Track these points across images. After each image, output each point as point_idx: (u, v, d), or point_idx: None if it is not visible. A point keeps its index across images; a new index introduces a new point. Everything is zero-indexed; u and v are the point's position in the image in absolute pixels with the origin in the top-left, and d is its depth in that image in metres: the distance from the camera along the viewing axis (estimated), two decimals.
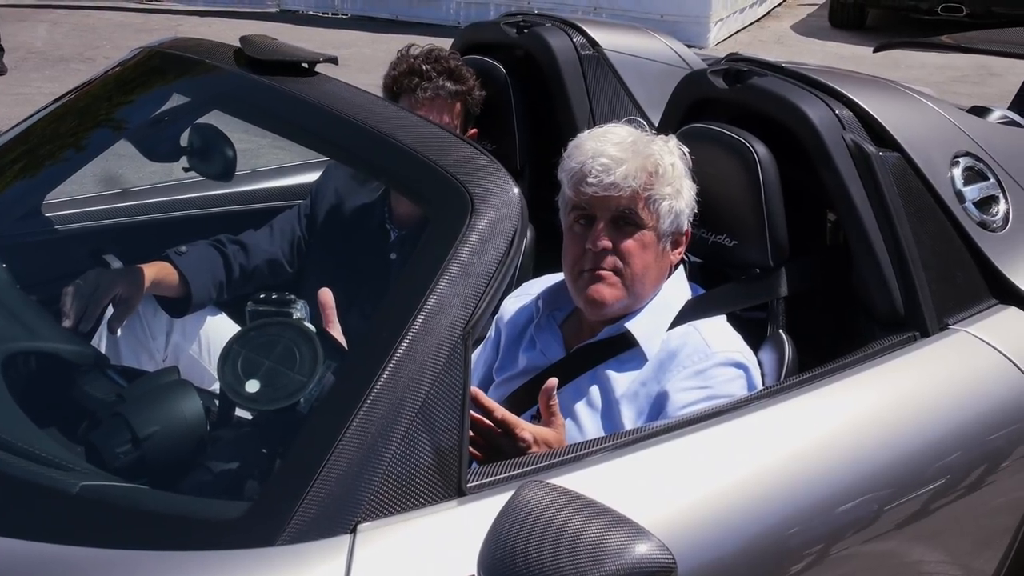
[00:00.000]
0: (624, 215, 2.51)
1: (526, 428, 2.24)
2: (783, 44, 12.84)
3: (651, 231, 2.52)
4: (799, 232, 2.70)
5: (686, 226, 2.60)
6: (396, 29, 12.38)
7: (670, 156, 2.56)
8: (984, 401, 2.53)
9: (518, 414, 2.57)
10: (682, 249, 2.63)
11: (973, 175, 2.82)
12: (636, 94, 3.64)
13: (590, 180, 2.50)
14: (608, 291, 2.52)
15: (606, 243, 2.51)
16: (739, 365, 2.48)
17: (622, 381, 2.51)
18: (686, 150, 2.62)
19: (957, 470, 2.48)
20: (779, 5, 14.81)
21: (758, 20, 13.88)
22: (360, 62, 9.07)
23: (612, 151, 2.51)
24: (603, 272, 2.52)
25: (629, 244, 2.51)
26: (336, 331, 2.36)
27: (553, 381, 2.31)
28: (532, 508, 1.68)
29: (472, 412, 2.07)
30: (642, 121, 2.65)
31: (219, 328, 3.21)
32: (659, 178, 2.51)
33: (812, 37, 13.22)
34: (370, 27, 12.91)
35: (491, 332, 2.83)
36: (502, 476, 1.95)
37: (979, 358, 2.59)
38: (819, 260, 2.79)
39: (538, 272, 3.04)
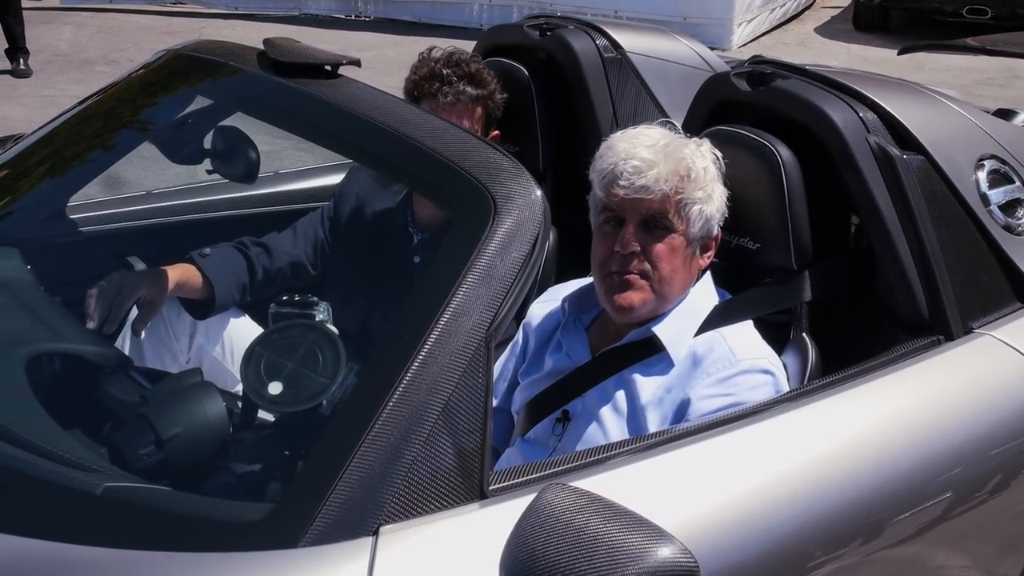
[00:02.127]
0: (654, 218, 2.49)
1: None
2: (806, 46, 12.80)
3: (680, 235, 2.50)
4: (823, 235, 2.69)
5: (716, 231, 2.58)
6: (418, 31, 12.39)
7: (702, 160, 2.54)
8: (1009, 405, 2.52)
9: (541, 417, 2.58)
10: (711, 254, 2.61)
11: (998, 178, 2.81)
12: (659, 97, 3.64)
13: (621, 182, 2.48)
14: (636, 296, 2.50)
15: (635, 246, 2.49)
16: (765, 371, 2.47)
17: (648, 387, 2.50)
18: (719, 154, 2.60)
19: (981, 474, 2.47)
20: (807, 9, 14.76)
21: (782, 23, 13.84)
22: (382, 64, 9.08)
23: (644, 153, 2.49)
24: (630, 277, 2.50)
25: (658, 248, 2.49)
26: None
27: None
28: (554, 511, 1.69)
29: None
30: (675, 123, 2.64)
31: (242, 330, 3.22)
32: (691, 182, 2.49)
33: (836, 39, 13.18)
34: (392, 29, 12.92)
35: (519, 337, 2.82)
36: (524, 479, 1.95)
37: (1004, 362, 2.58)
38: (843, 263, 2.78)
39: (560, 275, 3.04)
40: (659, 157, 2.48)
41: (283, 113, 2.53)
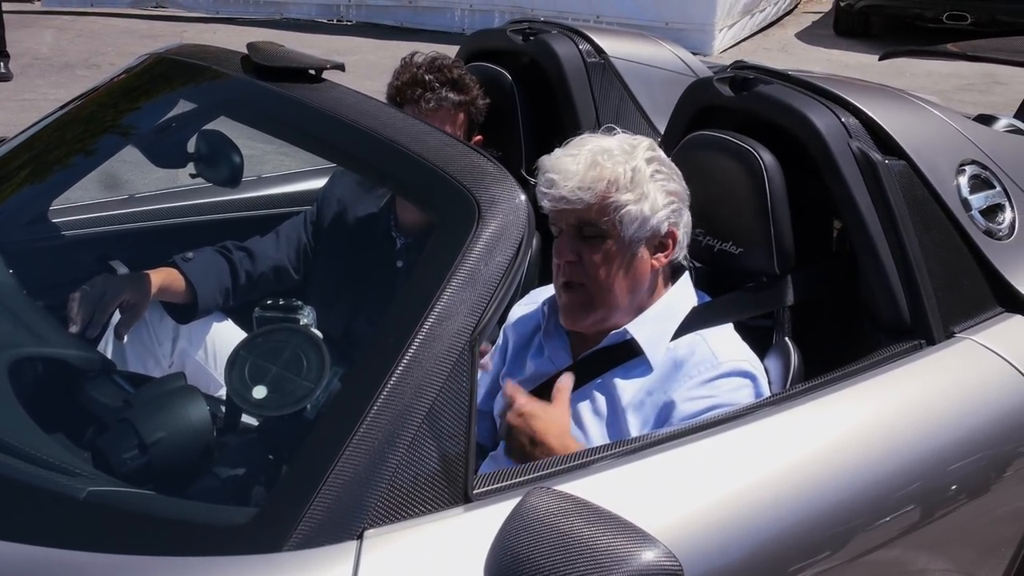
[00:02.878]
0: (584, 226, 2.51)
1: (521, 392, 2.34)
2: (788, 52, 12.84)
3: (614, 240, 2.50)
4: (805, 240, 2.70)
5: (665, 228, 2.54)
6: (400, 36, 12.39)
7: (630, 162, 2.51)
8: (990, 409, 2.53)
9: None
10: (670, 252, 2.58)
11: (979, 183, 2.83)
12: (642, 101, 3.65)
13: (544, 194, 2.51)
14: (578, 308, 2.54)
15: (568, 256, 2.52)
16: (746, 374, 2.47)
17: (628, 389, 2.50)
18: (659, 153, 2.60)
19: (962, 478, 2.48)
20: (788, 14, 14.80)
21: (763, 28, 13.87)
22: (364, 69, 9.07)
23: (566, 164, 2.50)
24: (572, 286, 2.54)
25: (592, 256, 2.51)
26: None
27: (569, 380, 2.39)
28: (539, 515, 1.69)
29: None
30: (615, 127, 2.64)
31: (225, 334, 3.22)
32: (617, 186, 2.48)
33: (817, 45, 13.21)
34: (374, 34, 12.90)
35: (499, 340, 2.83)
36: (508, 483, 1.95)
37: (985, 366, 2.59)
38: (825, 268, 2.79)
39: (544, 279, 3.05)
40: (579, 167, 2.49)
41: (267, 117, 2.53)
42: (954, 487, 2.46)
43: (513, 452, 2.34)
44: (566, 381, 2.41)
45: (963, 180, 2.79)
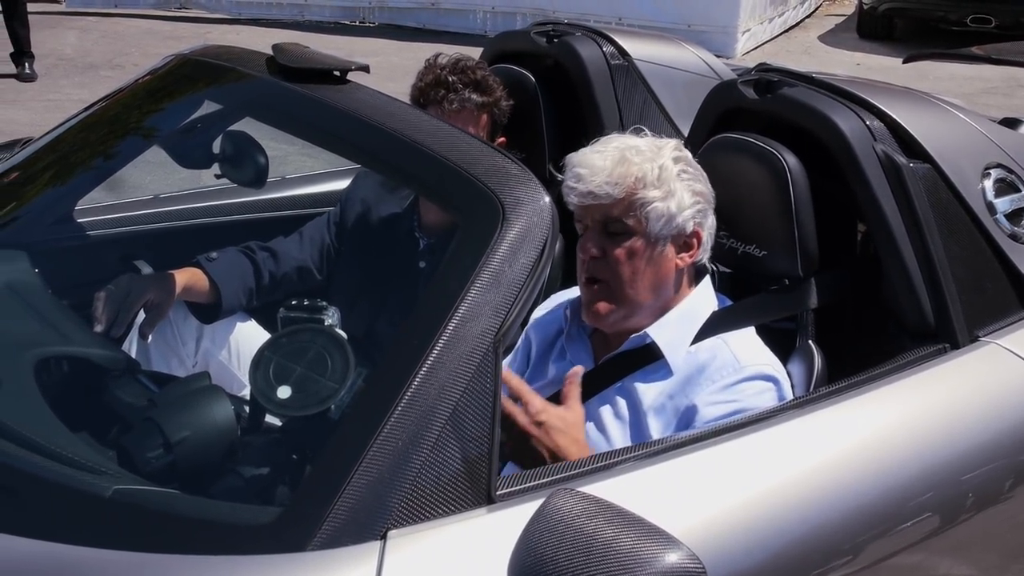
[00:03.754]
0: (609, 222, 2.51)
1: (535, 396, 2.29)
2: (811, 54, 12.82)
3: (640, 237, 2.51)
4: (829, 243, 2.69)
5: (691, 228, 2.55)
6: (423, 38, 12.42)
7: (657, 160, 2.52)
8: (1014, 413, 2.52)
9: None
10: (695, 252, 2.58)
11: (1004, 187, 2.81)
12: (665, 104, 3.65)
13: (571, 189, 2.52)
14: (601, 304, 2.54)
15: (593, 251, 2.52)
16: (769, 378, 2.47)
17: (649, 393, 2.50)
18: (686, 154, 2.61)
19: (986, 483, 2.47)
20: (809, 16, 14.77)
21: (786, 30, 13.84)
22: (387, 71, 9.08)
23: (594, 160, 2.51)
24: (596, 283, 2.54)
25: (616, 252, 2.51)
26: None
27: (579, 369, 2.38)
28: (562, 516, 1.69)
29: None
30: (644, 129, 2.64)
31: (248, 334, 3.23)
32: (644, 183, 2.49)
33: (840, 48, 13.19)
34: (396, 36, 12.94)
35: (520, 342, 2.83)
36: (532, 484, 1.95)
37: (1009, 370, 2.58)
38: (849, 271, 2.78)
39: (567, 282, 3.05)
40: (608, 163, 2.50)
41: (293, 118, 2.53)
42: (977, 492, 2.45)
43: (526, 461, 2.27)
44: (575, 377, 2.39)
45: (988, 184, 2.78)
